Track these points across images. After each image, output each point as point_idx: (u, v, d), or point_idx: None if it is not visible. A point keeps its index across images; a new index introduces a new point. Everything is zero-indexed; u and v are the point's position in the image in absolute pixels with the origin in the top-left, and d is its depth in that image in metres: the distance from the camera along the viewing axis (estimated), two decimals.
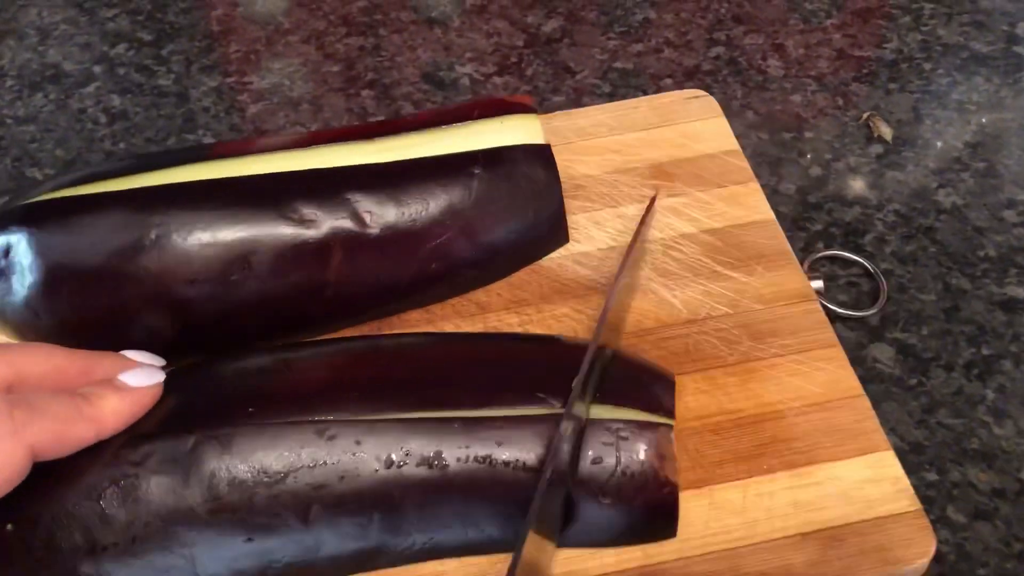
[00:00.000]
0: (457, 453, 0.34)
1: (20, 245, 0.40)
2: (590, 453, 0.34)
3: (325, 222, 0.41)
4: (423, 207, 0.42)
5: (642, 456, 0.34)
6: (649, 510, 0.34)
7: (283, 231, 0.40)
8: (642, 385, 0.37)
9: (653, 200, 0.46)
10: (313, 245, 0.40)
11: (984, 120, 0.57)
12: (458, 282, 0.44)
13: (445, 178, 0.42)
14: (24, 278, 0.40)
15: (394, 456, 0.34)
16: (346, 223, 0.41)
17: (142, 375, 0.35)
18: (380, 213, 0.41)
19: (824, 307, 0.44)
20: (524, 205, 0.44)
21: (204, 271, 0.40)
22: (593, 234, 0.47)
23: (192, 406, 0.36)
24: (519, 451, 0.34)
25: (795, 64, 0.62)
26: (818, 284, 0.46)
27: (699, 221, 0.47)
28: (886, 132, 0.57)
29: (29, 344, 0.36)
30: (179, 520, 0.33)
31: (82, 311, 0.40)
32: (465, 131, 0.44)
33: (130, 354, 0.37)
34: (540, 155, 0.44)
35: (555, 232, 0.46)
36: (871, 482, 0.37)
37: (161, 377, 0.36)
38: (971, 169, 0.54)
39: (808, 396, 0.39)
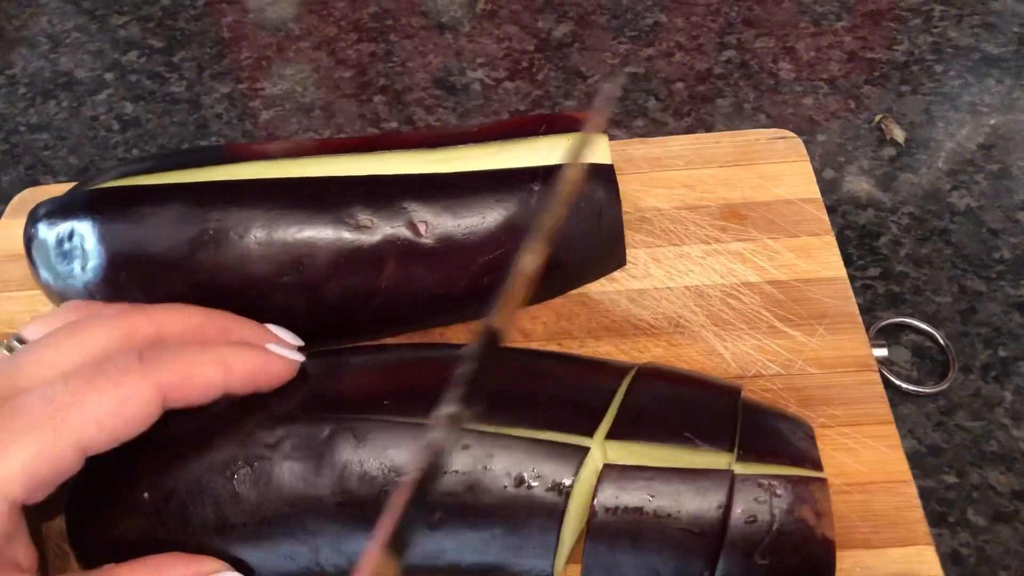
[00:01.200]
0: (606, 501, 0.32)
1: (83, 230, 0.41)
2: (741, 510, 0.32)
3: (380, 229, 0.40)
4: (479, 220, 0.41)
5: (799, 513, 0.32)
6: (806, 570, 0.32)
7: (338, 235, 0.40)
8: (785, 437, 0.35)
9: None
10: (367, 252, 0.40)
11: (996, 121, 0.57)
12: None
13: (503, 192, 0.41)
14: (85, 262, 0.41)
15: (525, 475, 0.33)
16: (401, 231, 0.40)
17: (281, 348, 0.36)
18: (435, 223, 0.41)
19: (885, 378, 0.42)
20: (582, 224, 0.42)
21: (257, 270, 0.40)
22: (651, 271, 0.45)
23: (328, 394, 0.36)
24: (672, 505, 0.32)
25: (806, 67, 0.62)
26: (882, 353, 0.43)
27: (765, 270, 0.45)
28: (898, 134, 0.57)
29: (171, 305, 0.36)
30: (307, 508, 0.33)
31: (137, 299, 0.40)
32: (530, 146, 0.43)
33: (271, 327, 0.38)
34: (602, 175, 0.43)
35: (612, 254, 0.45)
36: None
37: (299, 356, 0.36)
38: (984, 171, 0.54)
39: (851, 474, 0.37)
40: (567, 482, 0.33)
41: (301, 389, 0.36)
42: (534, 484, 0.33)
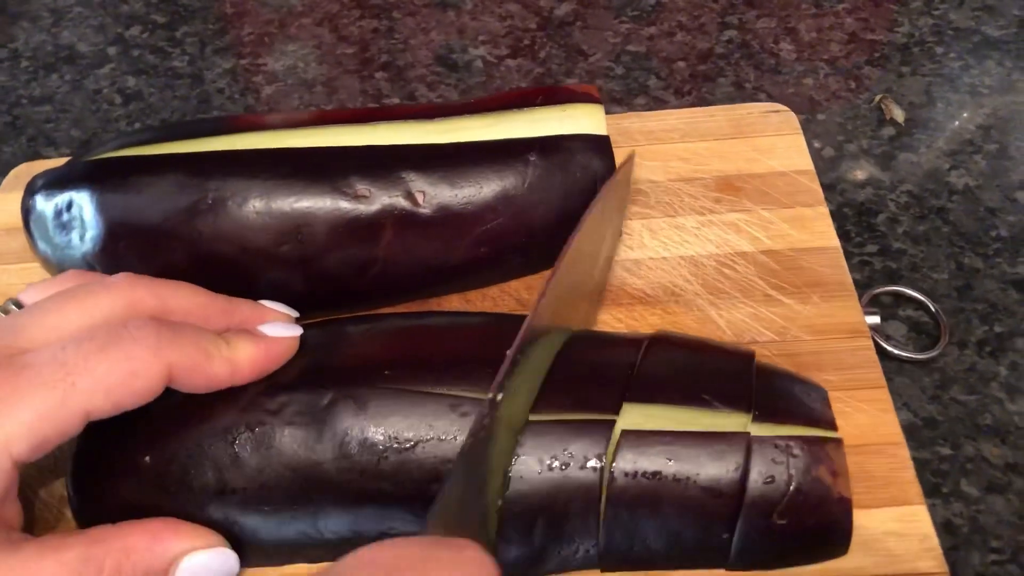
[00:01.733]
0: (625, 466, 0.33)
1: (81, 201, 0.41)
2: (759, 471, 0.32)
3: (378, 199, 0.41)
4: (476, 190, 0.41)
5: (816, 473, 0.32)
6: (824, 529, 0.33)
7: (336, 205, 0.40)
8: (800, 399, 0.35)
9: (630, 159, 0.43)
10: (365, 221, 0.41)
11: (996, 103, 0.57)
12: (505, 268, 0.44)
13: (500, 163, 0.42)
14: (83, 233, 0.41)
15: (557, 458, 0.33)
16: (399, 201, 0.41)
17: (280, 327, 0.36)
18: (433, 193, 0.41)
19: (877, 345, 0.43)
20: (578, 195, 0.43)
21: (256, 239, 0.40)
22: (647, 242, 0.46)
23: (329, 362, 0.36)
24: (690, 468, 0.32)
25: (807, 47, 0.62)
26: (874, 320, 0.44)
27: (759, 240, 0.45)
28: (898, 115, 0.57)
29: (175, 281, 0.37)
30: (308, 473, 0.34)
31: (136, 269, 0.40)
32: (527, 117, 0.43)
33: (267, 304, 0.38)
34: (598, 145, 0.43)
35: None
36: (897, 536, 0.35)
37: (298, 331, 0.37)
38: (983, 151, 0.54)
39: (845, 437, 0.36)
40: (599, 459, 0.33)
41: (302, 358, 0.36)
42: (568, 464, 0.33)
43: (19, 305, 0.36)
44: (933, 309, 0.46)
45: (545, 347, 0.36)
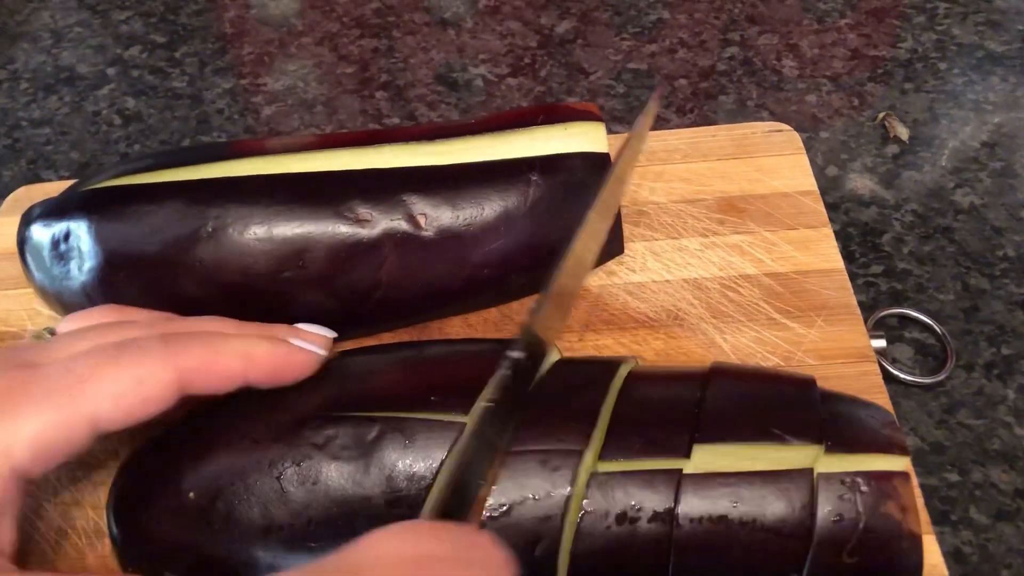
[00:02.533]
0: (690, 511, 0.32)
1: (80, 231, 0.40)
2: (827, 510, 0.31)
3: (380, 222, 0.40)
4: (478, 211, 0.41)
5: (885, 509, 0.31)
6: (893, 565, 0.32)
7: (338, 230, 0.40)
8: (868, 424, 0.34)
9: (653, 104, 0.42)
10: (367, 245, 0.40)
11: (1000, 119, 0.57)
12: (508, 289, 0.43)
13: (501, 183, 0.41)
14: (82, 263, 0.40)
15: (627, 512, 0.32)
16: (400, 224, 0.40)
17: (304, 341, 0.36)
18: (435, 216, 0.41)
19: (884, 369, 0.42)
20: (580, 213, 0.41)
21: (257, 266, 0.40)
22: (649, 264, 0.45)
23: (371, 391, 0.36)
24: (756, 510, 0.32)
25: (810, 64, 0.62)
26: (880, 344, 0.43)
27: (763, 263, 0.45)
28: (902, 132, 0.57)
29: (207, 317, 0.37)
30: (355, 509, 0.33)
31: (136, 300, 0.40)
32: (528, 136, 0.43)
33: (302, 326, 0.38)
34: (599, 163, 0.43)
35: (610, 243, 0.44)
36: None
37: (322, 351, 0.36)
38: (988, 169, 0.54)
39: None
40: (669, 511, 0.32)
41: (346, 386, 0.36)
42: (638, 519, 0.32)
43: (53, 333, 0.37)
44: (939, 332, 0.46)
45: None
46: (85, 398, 0.31)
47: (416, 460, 0.33)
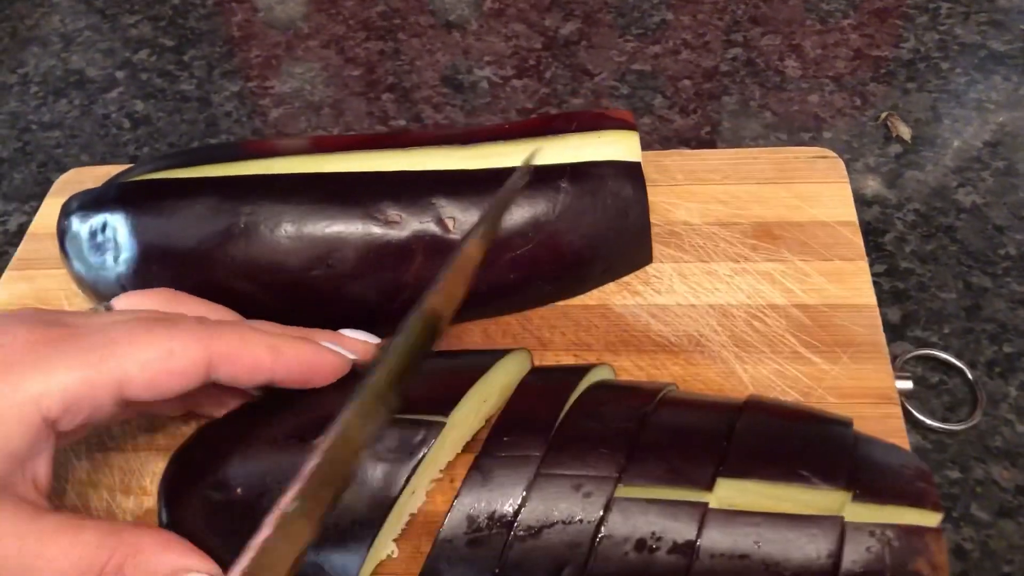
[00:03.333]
0: (712, 546, 0.31)
1: (116, 223, 0.41)
2: (852, 560, 0.30)
3: (409, 224, 0.41)
4: (506, 216, 0.41)
5: (914, 566, 0.30)
6: None
7: (368, 230, 0.41)
8: (901, 476, 0.33)
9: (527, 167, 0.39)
10: (395, 247, 0.41)
11: (1003, 119, 0.57)
12: (534, 295, 0.44)
13: (531, 189, 0.42)
14: (117, 255, 0.42)
15: (646, 539, 0.32)
16: (430, 227, 0.41)
17: (336, 344, 0.37)
18: (463, 219, 0.41)
19: (908, 412, 0.41)
20: (608, 222, 0.43)
21: (287, 263, 0.41)
22: (676, 287, 0.44)
23: (418, 394, 0.36)
24: (779, 552, 0.31)
25: (812, 64, 0.62)
26: (906, 385, 0.41)
27: (792, 293, 0.43)
28: (905, 132, 0.57)
29: (259, 321, 0.38)
30: (389, 505, 0.34)
31: None
32: (562, 143, 0.43)
33: (346, 332, 0.39)
34: (629, 172, 0.43)
35: (638, 253, 0.45)
36: None
37: (354, 355, 0.37)
38: (991, 168, 0.54)
39: None
40: (689, 544, 0.31)
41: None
42: (657, 547, 0.31)
43: (109, 309, 0.38)
44: (971, 377, 0.44)
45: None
46: (115, 360, 0.32)
47: (494, 500, 0.33)
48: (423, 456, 0.34)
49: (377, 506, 0.34)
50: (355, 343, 0.38)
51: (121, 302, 0.38)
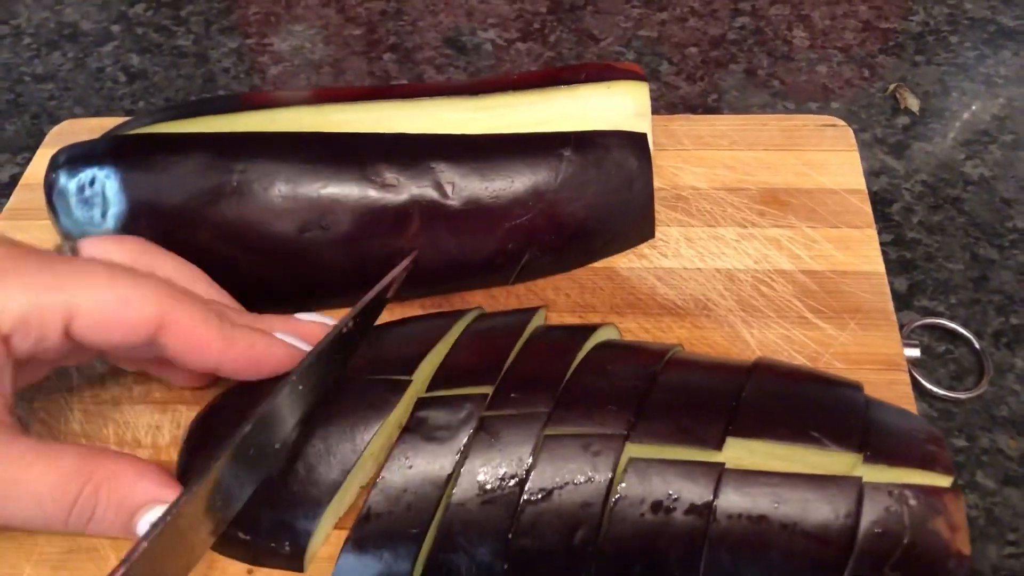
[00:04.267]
0: (729, 507, 0.31)
1: (105, 178, 0.40)
2: (871, 520, 0.30)
3: (406, 188, 0.40)
4: (507, 184, 0.40)
5: (933, 526, 0.30)
6: None
7: (363, 192, 0.40)
8: (913, 439, 0.33)
9: (410, 260, 0.40)
10: (392, 210, 0.40)
11: (1011, 93, 0.57)
12: (533, 265, 0.43)
13: (533, 157, 0.41)
14: (105, 210, 0.40)
15: (662, 500, 0.31)
16: (427, 191, 0.40)
17: (291, 337, 0.36)
18: (463, 185, 0.40)
19: (915, 380, 0.41)
20: (611, 193, 0.42)
21: (280, 223, 0.39)
22: (683, 251, 0.44)
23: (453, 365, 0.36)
24: (798, 513, 0.30)
25: (821, 35, 0.62)
26: (913, 353, 0.41)
27: (800, 259, 0.43)
28: (913, 103, 0.56)
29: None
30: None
31: None
32: (572, 94, 0.42)
33: (301, 316, 0.38)
34: (634, 143, 0.42)
35: (641, 226, 0.44)
36: None
37: (308, 346, 0.36)
38: (998, 141, 0.54)
39: None
40: (707, 505, 0.31)
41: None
42: (673, 507, 0.31)
43: (75, 251, 0.36)
44: (978, 347, 0.44)
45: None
46: (70, 290, 0.32)
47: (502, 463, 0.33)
48: (389, 414, 0.34)
49: (340, 464, 0.34)
50: (311, 326, 0.37)
51: (91, 245, 0.37)
